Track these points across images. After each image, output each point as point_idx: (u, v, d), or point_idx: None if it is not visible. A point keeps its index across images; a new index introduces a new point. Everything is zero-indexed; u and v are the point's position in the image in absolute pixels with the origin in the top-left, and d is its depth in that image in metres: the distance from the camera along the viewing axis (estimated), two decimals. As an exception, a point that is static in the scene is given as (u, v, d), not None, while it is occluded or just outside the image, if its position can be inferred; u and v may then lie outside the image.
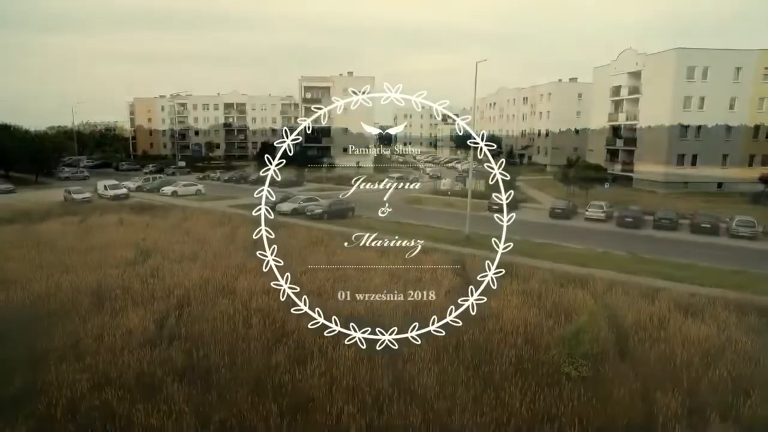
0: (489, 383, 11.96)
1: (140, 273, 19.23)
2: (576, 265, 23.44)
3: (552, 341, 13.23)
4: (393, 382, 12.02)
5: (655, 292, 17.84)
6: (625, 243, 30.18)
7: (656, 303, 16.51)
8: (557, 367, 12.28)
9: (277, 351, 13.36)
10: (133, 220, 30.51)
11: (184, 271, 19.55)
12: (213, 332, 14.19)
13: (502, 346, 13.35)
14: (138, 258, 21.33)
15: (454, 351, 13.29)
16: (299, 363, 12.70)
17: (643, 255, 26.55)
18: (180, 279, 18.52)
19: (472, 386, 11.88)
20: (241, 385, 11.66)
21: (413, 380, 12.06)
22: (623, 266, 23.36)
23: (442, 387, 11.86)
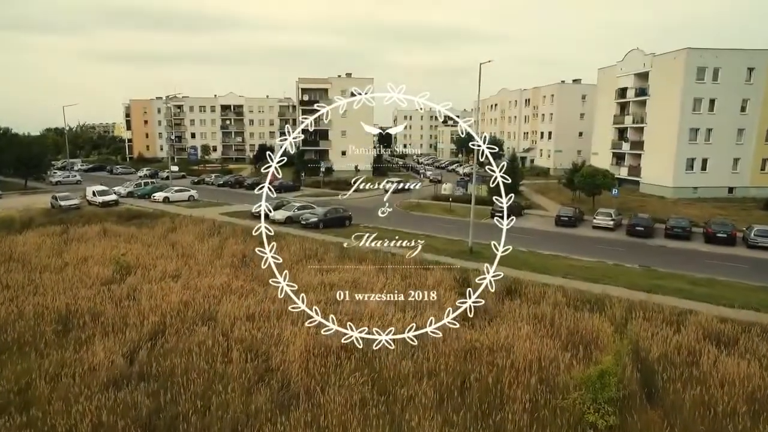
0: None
1: (116, 294, 17.62)
2: (588, 281, 21.85)
3: (571, 382, 11.59)
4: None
5: (679, 317, 16.20)
6: (637, 254, 28.59)
7: (682, 331, 14.87)
8: (580, 415, 10.64)
9: (258, 393, 11.72)
10: (117, 231, 28.88)
11: (164, 291, 17.94)
12: (187, 369, 12.56)
13: (515, 387, 11.71)
14: (116, 276, 19.73)
15: (460, 394, 11.65)
16: (282, 409, 11.06)
17: (657, 269, 24.96)
18: (158, 302, 16.91)
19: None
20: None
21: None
22: (638, 283, 21.75)
23: (447, 441, 10.24)
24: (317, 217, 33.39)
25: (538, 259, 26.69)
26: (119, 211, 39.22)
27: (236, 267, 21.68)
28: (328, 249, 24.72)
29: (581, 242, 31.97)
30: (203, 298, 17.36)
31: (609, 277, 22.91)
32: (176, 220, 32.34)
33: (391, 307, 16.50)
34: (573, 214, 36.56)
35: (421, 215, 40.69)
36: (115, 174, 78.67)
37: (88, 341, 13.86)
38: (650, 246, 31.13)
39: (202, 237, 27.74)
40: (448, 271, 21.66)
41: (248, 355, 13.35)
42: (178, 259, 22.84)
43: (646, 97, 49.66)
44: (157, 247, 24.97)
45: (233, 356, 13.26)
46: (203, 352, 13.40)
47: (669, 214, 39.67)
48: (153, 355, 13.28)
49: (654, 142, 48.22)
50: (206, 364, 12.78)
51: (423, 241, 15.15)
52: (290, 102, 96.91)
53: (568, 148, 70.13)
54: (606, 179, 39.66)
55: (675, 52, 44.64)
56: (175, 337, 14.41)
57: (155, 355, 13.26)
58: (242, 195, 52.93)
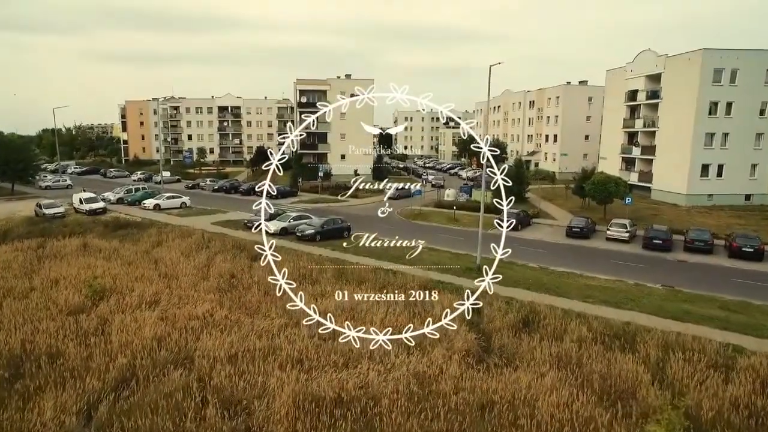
0: None
1: (82, 328, 15.59)
2: (611, 306, 19.85)
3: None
4: None
5: (724, 357, 14.14)
6: (656, 271, 26.59)
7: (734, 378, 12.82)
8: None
9: (234, 466, 9.70)
10: (99, 246, 26.82)
11: (138, 323, 15.90)
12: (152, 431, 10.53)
13: (544, 460, 9.68)
14: (86, 303, 17.69)
15: (479, 471, 9.61)
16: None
17: (682, 289, 22.94)
18: (129, 336, 14.88)
19: None
20: None
21: None
22: (665, 307, 19.73)
23: None
24: (314, 229, 31.34)
25: (552, 278, 24.66)
26: (106, 220, 37.19)
27: (222, 291, 19.62)
28: (324, 268, 22.66)
29: (595, 257, 29.93)
30: (181, 332, 15.31)
31: (632, 300, 20.89)
32: (163, 232, 30.29)
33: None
34: (585, 224, 34.52)
35: (423, 224, 38.66)
36: (108, 177, 76.72)
37: (38, 393, 11.83)
38: (669, 261, 29.09)
39: (188, 252, 25.72)
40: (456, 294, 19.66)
41: (226, 410, 11.33)
42: (159, 280, 20.81)
43: (658, 100, 47.60)
44: (139, 265, 22.93)
45: (208, 412, 11.21)
46: (173, 406, 11.35)
47: (684, 223, 37.69)
48: (114, 412, 11.25)
49: (666, 147, 46.16)
50: (174, 426, 10.73)
51: (423, 241, 14.83)
52: (289, 103, 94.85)
53: (574, 152, 68.12)
54: (618, 187, 37.62)
55: (690, 53, 42.59)
56: (144, 385, 12.38)
57: (117, 413, 11.22)
58: (237, 201, 50.93)
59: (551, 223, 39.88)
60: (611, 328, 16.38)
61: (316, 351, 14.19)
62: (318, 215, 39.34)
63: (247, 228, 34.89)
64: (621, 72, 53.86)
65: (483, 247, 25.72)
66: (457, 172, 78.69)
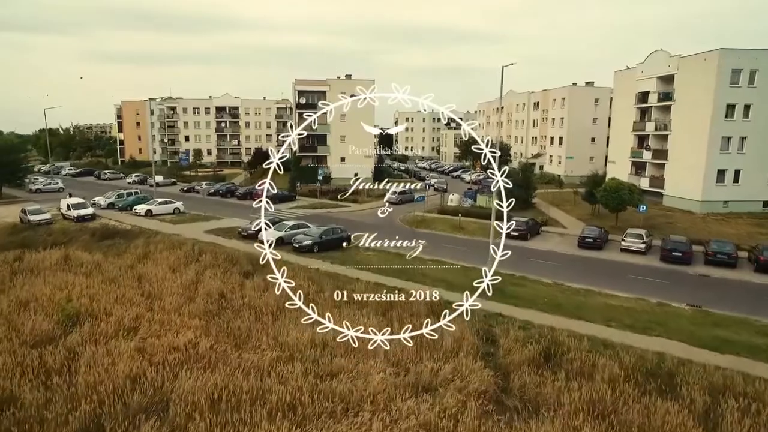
0: None
1: (46, 363, 13.76)
2: (636, 332, 18.06)
3: None
4: None
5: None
6: (678, 287, 24.78)
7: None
8: None
9: None
10: (80, 259, 24.99)
11: (112, 356, 14.10)
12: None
13: None
14: (56, 332, 15.87)
15: None
16: None
17: (710, 309, 21.12)
18: (99, 375, 13.06)
19: None
20: None
21: None
22: (697, 333, 17.98)
23: None
24: (312, 240, 29.51)
25: (568, 296, 22.84)
26: (94, 227, 35.43)
27: (209, 315, 17.80)
28: (321, 287, 20.82)
29: (611, 270, 28.11)
30: (158, 369, 13.50)
31: (658, 323, 19.08)
32: (151, 243, 28.44)
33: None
34: (598, 234, 32.66)
35: (426, 232, 36.56)
36: (102, 180, 74.93)
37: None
38: (690, 276, 27.26)
39: (176, 267, 23.90)
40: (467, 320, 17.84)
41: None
42: (141, 301, 19.00)
43: (670, 102, 45.75)
44: (121, 283, 21.10)
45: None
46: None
47: (701, 232, 35.88)
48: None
49: (680, 152, 44.32)
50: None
51: (424, 241, 14.67)
52: (288, 104, 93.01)
53: (579, 155, 66.30)
54: (632, 195, 35.78)
55: (706, 53, 40.75)
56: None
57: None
58: (233, 206, 49.14)
59: (561, 231, 38.05)
60: (644, 362, 14.57)
61: (311, 394, 12.36)
62: (317, 222, 37.59)
63: (241, 237, 33.13)
64: (630, 73, 52.00)
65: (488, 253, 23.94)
66: (459, 175, 76.81)
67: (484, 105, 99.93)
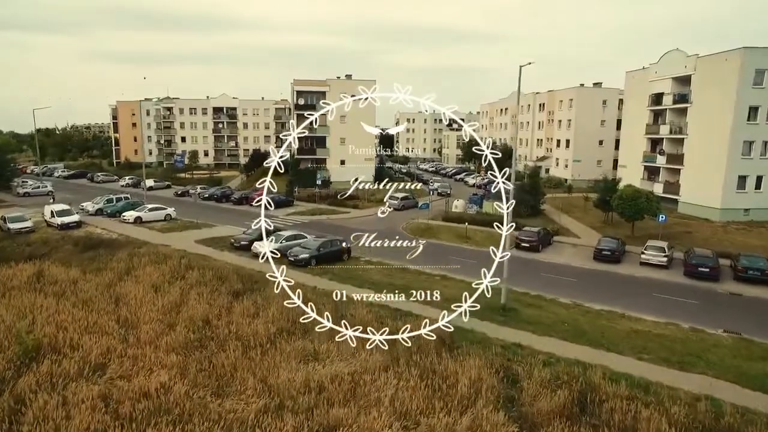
0: None
1: (-13, 417, 11.60)
2: (676, 368, 15.97)
3: None
4: None
5: None
6: (710, 308, 22.74)
7: None
8: None
9: None
10: (55, 276, 22.84)
11: (68, 407, 11.94)
12: None
13: None
14: (7, 373, 13.69)
15: None
16: None
17: (752, 338, 18.97)
18: (49, 433, 10.90)
19: None
20: None
21: None
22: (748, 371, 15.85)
23: None
24: (308, 253, 27.34)
25: (591, 319, 20.70)
26: (78, 236, 33.29)
27: (190, 348, 15.63)
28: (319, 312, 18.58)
29: (633, 287, 25.97)
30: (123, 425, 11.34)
31: (697, 356, 16.96)
32: (135, 257, 26.26)
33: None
34: (616, 247, 30.50)
35: (431, 243, 34.34)
36: (95, 182, 72.70)
37: None
38: (721, 294, 25.13)
39: (159, 285, 21.75)
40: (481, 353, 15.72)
41: None
42: (115, 330, 16.84)
43: (687, 104, 43.57)
44: (94, 307, 18.90)
45: None
46: None
47: (723, 243, 33.77)
48: None
49: (697, 156, 42.17)
50: None
51: (424, 241, 15.23)
52: (287, 104, 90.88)
53: (587, 158, 64.17)
54: (651, 203, 33.62)
55: (727, 52, 38.58)
56: None
57: None
58: (228, 212, 47.01)
59: (574, 242, 35.88)
60: (696, 414, 12.40)
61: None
62: (315, 230, 35.53)
63: (235, 249, 30.98)
64: (643, 74, 49.84)
65: (498, 266, 21.62)
66: (463, 179, 74.60)
67: (487, 106, 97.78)
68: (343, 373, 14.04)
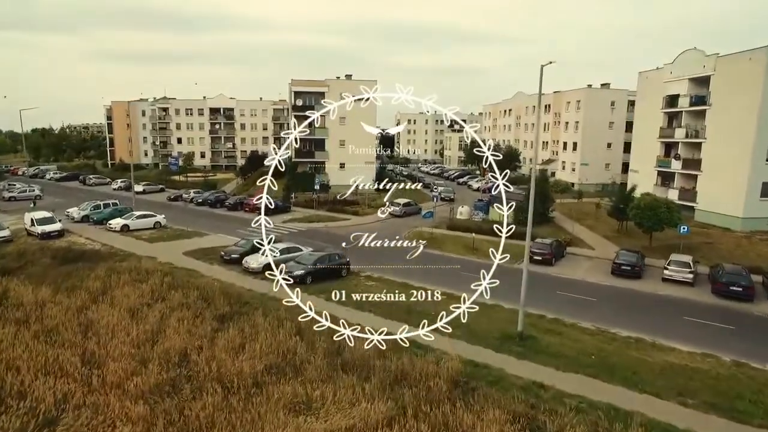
0: None
1: None
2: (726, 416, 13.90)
3: None
4: None
5: None
6: (747, 335, 20.58)
7: None
8: None
9: None
10: (19, 296, 20.57)
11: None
12: None
13: None
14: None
15: None
16: None
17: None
18: None
19: None
20: None
21: None
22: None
23: None
24: (304, 269, 25.08)
25: (618, 349, 18.47)
26: (58, 247, 31.13)
27: (162, 393, 13.37)
28: (312, 345, 16.39)
29: (658, 308, 23.71)
30: None
31: (750, 400, 14.75)
32: (114, 274, 23.96)
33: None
34: (636, 261, 28.23)
35: (436, 254, 32.01)
36: (88, 185, 70.46)
37: None
38: (757, 317, 22.90)
39: (137, 309, 19.53)
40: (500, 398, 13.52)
41: None
42: (77, 368, 14.57)
43: (705, 106, 41.32)
44: (58, 339, 16.65)
45: None
46: None
47: (748, 256, 31.65)
48: None
49: (716, 162, 39.92)
50: None
51: (425, 241, 14.97)
52: (285, 105, 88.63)
53: (594, 161, 61.80)
54: (672, 213, 31.36)
55: (750, 51, 36.33)
56: None
57: None
58: (222, 218, 44.75)
59: (589, 254, 33.61)
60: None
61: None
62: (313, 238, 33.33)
63: (225, 263, 28.72)
64: (657, 74, 47.58)
65: (511, 295, 19.25)
66: (466, 182, 72.30)
67: (490, 107, 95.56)
68: (340, 429, 11.83)
